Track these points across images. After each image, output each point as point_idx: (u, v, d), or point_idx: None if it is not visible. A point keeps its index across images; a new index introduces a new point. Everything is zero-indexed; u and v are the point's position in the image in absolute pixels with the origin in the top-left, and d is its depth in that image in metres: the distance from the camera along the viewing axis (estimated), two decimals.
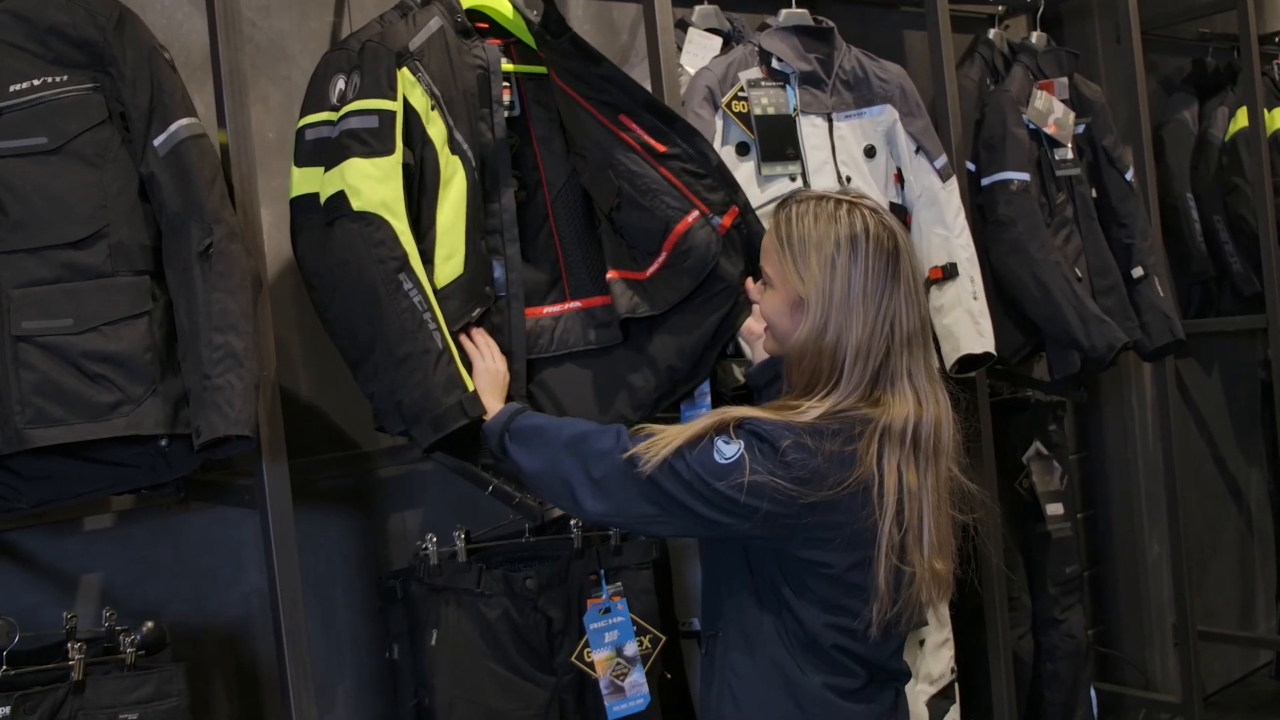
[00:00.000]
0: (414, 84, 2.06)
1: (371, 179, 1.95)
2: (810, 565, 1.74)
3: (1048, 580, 3.58)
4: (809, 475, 1.66)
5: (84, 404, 1.77)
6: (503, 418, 1.92)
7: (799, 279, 1.74)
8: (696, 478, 1.68)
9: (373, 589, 2.46)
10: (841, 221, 1.74)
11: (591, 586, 2.32)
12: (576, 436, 1.81)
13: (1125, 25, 3.62)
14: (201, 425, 1.77)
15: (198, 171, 1.85)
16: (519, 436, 1.88)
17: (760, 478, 1.65)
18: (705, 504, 1.69)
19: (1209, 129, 4.27)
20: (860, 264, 1.71)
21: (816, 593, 1.75)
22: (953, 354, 2.84)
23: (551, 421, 1.90)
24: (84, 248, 1.80)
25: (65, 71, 1.84)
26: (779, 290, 1.80)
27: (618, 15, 3.05)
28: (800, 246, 1.75)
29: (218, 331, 1.79)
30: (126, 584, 2.24)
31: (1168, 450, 3.72)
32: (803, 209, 1.78)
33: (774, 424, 1.70)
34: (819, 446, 1.66)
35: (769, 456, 1.66)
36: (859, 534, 1.70)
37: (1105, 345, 3.06)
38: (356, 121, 1.98)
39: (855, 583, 1.73)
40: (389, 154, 1.98)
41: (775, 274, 1.80)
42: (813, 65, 2.79)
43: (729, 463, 1.66)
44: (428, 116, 2.07)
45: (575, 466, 1.77)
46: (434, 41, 2.12)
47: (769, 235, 1.83)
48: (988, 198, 3.16)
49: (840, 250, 1.72)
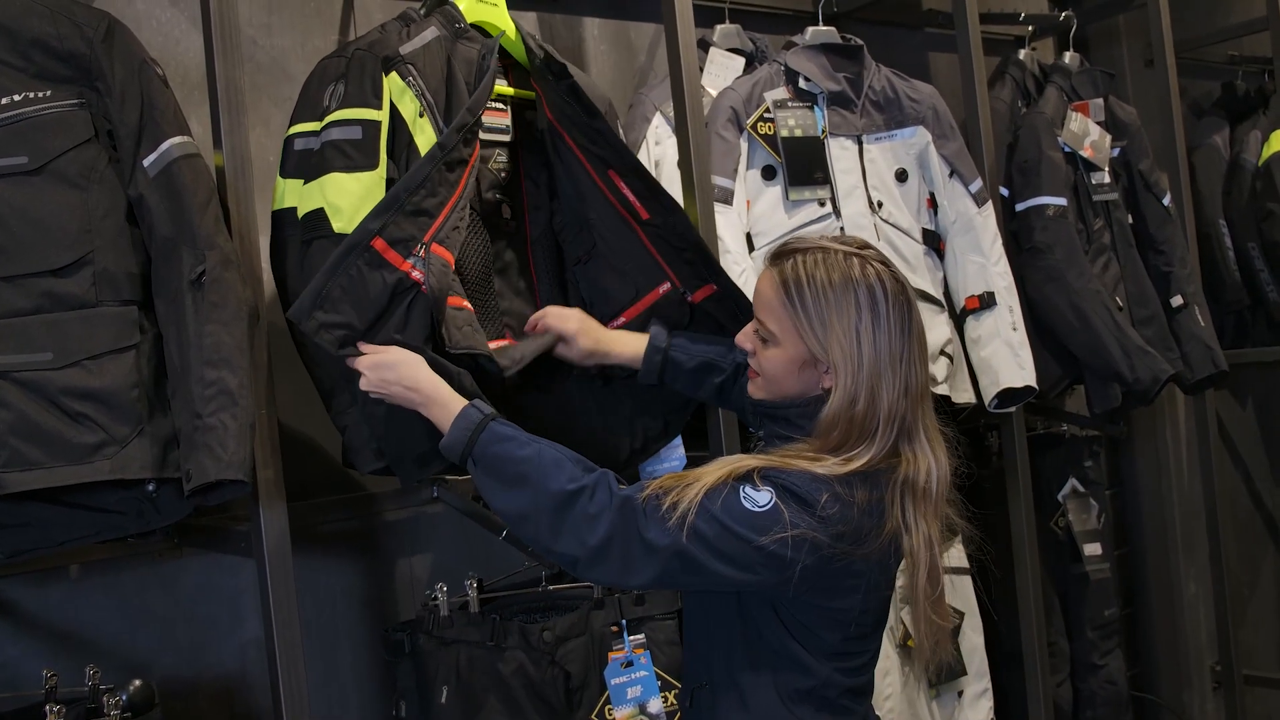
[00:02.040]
0: (403, 90, 1.97)
1: (353, 196, 1.86)
2: (824, 613, 1.70)
3: (1086, 624, 3.49)
4: (848, 530, 1.63)
5: (64, 445, 1.66)
6: (463, 435, 1.68)
7: (817, 344, 1.69)
8: (726, 531, 1.60)
9: (378, 641, 2.37)
10: (858, 282, 1.68)
11: (613, 638, 2.21)
12: (563, 496, 1.62)
13: (1159, 47, 3.56)
14: (192, 468, 1.66)
15: (191, 193, 1.75)
16: (488, 467, 1.67)
17: (801, 531, 1.59)
18: (731, 561, 1.61)
19: (1241, 153, 4.17)
20: (883, 327, 1.68)
21: (827, 641, 1.72)
22: (991, 388, 2.72)
23: (523, 453, 1.66)
24: (66, 275, 1.71)
25: (49, 86, 1.75)
26: (785, 348, 1.72)
27: (635, 35, 2.97)
28: (817, 310, 1.69)
29: (210, 366, 1.69)
30: (115, 635, 2.15)
31: (1209, 487, 3.64)
32: (810, 263, 1.71)
33: (800, 475, 1.64)
34: (852, 498, 1.63)
35: (805, 509, 1.61)
36: (877, 581, 1.71)
37: (1150, 378, 2.94)
38: (338, 133, 1.90)
39: (866, 623, 1.74)
40: (371, 168, 1.89)
41: (782, 332, 1.72)
42: (841, 85, 2.68)
43: (762, 511, 1.60)
44: (415, 124, 1.96)
45: (568, 530, 1.62)
46: (431, 47, 2.03)
47: (770, 288, 1.73)
48: (1023, 224, 3.05)
49: (863, 316, 1.67)
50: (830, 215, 2.59)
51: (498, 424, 1.70)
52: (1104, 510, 3.53)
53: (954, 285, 2.79)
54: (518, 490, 1.65)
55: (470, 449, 1.68)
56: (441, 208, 1.85)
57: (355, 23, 2.50)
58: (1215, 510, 3.61)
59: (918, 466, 1.68)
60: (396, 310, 1.79)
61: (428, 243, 1.80)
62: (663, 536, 1.59)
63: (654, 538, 1.59)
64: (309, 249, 1.88)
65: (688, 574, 1.62)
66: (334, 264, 1.75)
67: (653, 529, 1.60)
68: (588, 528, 1.61)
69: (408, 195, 1.80)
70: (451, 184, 1.87)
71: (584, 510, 1.61)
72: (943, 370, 2.68)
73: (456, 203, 1.87)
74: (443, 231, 1.83)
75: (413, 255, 1.79)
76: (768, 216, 2.55)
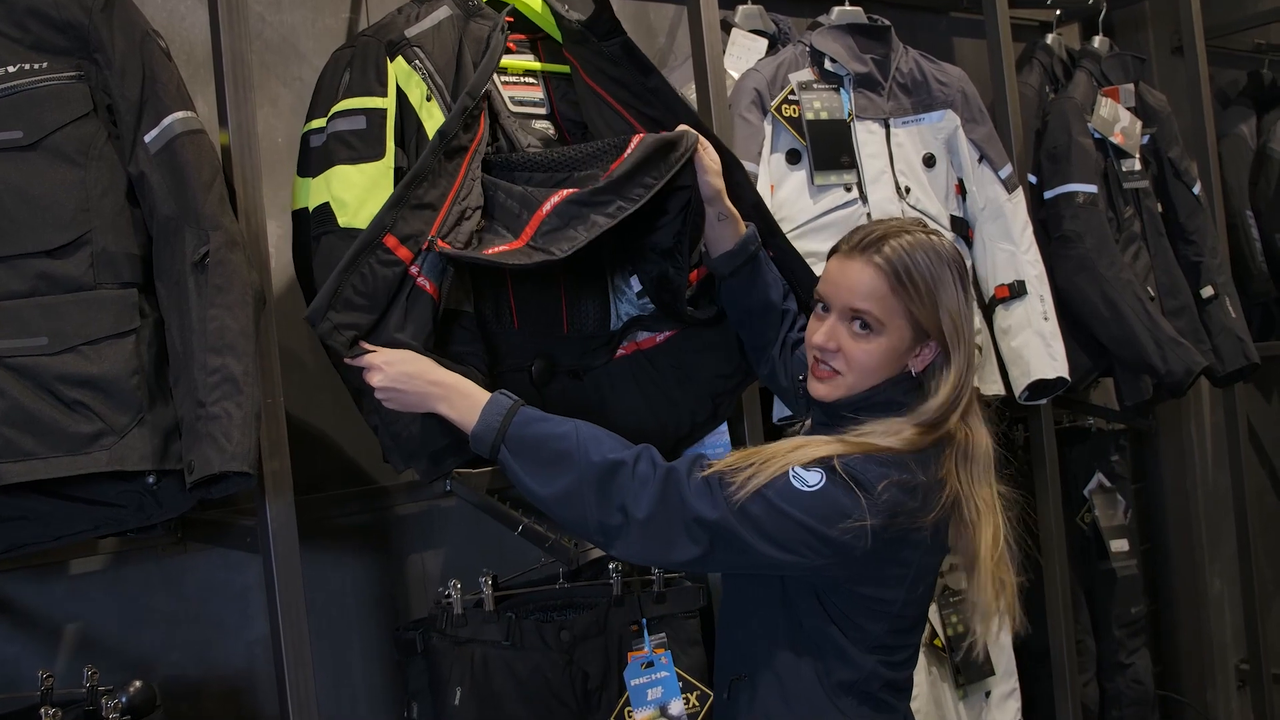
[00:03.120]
0: (409, 74, 1.90)
1: (358, 189, 1.81)
2: (868, 603, 1.67)
3: (1112, 622, 3.44)
4: (901, 513, 1.61)
5: (60, 435, 1.59)
6: (494, 421, 1.64)
7: (932, 321, 1.68)
8: (772, 510, 1.57)
9: (389, 640, 2.32)
10: (947, 255, 1.71)
11: (633, 638, 2.17)
12: (608, 465, 1.59)
13: (1189, 34, 3.52)
14: (194, 460, 1.59)
15: (194, 171, 1.67)
16: (523, 451, 1.63)
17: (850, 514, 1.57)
18: (776, 542, 1.58)
19: (1268, 143, 4.14)
20: (967, 299, 1.72)
21: (871, 632, 1.69)
22: (1022, 379, 2.64)
23: (560, 430, 1.63)
24: (62, 256, 1.63)
25: (45, 58, 1.67)
26: (891, 334, 1.69)
27: (655, 17, 2.91)
28: (927, 289, 1.68)
29: (214, 353, 1.61)
30: (117, 633, 2.12)
31: (1238, 483, 3.61)
32: (908, 243, 1.69)
33: (861, 459, 1.62)
34: (916, 477, 1.62)
35: (861, 491, 1.59)
36: (923, 570, 1.69)
37: (1183, 370, 2.87)
38: (343, 123, 1.85)
39: (910, 615, 1.72)
40: (378, 159, 1.83)
41: (889, 317, 1.68)
42: (869, 67, 2.60)
43: (812, 491, 1.58)
44: (422, 109, 1.89)
45: (612, 502, 1.59)
46: (442, 26, 1.96)
47: (873, 275, 1.69)
48: (1052, 212, 2.98)
49: (958, 285, 1.70)
50: (856, 201, 2.51)
51: (528, 408, 1.66)
52: (1130, 506, 3.48)
53: (982, 274, 2.72)
54: (557, 470, 1.61)
55: (502, 436, 1.63)
56: (443, 200, 1.78)
57: (368, 1, 2.42)
58: (1244, 506, 3.56)
59: (972, 437, 1.69)
60: (396, 308, 1.73)
61: (434, 238, 1.74)
62: (711, 511, 1.57)
63: (702, 512, 1.57)
64: (318, 245, 1.83)
65: (731, 553, 1.59)
66: (348, 262, 1.69)
67: (701, 503, 1.57)
68: (633, 499, 1.58)
69: (412, 189, 1.74)
70: (451, 174, 1.81)
71: (627, 481, 1.59)
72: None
73: (457, 193, 1.80)
74: (447, 225, 1.76)
75: (421, 252, 1.74)
76: (792, 202, 2.47)
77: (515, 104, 2.08)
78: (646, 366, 2.04)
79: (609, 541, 1.62)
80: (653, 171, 1.80)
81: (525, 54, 2.12)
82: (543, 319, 2.03)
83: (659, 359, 2.04)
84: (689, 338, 2.04)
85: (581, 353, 2.03)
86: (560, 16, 2.10)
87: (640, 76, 2.02)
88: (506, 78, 2.07)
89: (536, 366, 1.98)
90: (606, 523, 1.59)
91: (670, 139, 1.85)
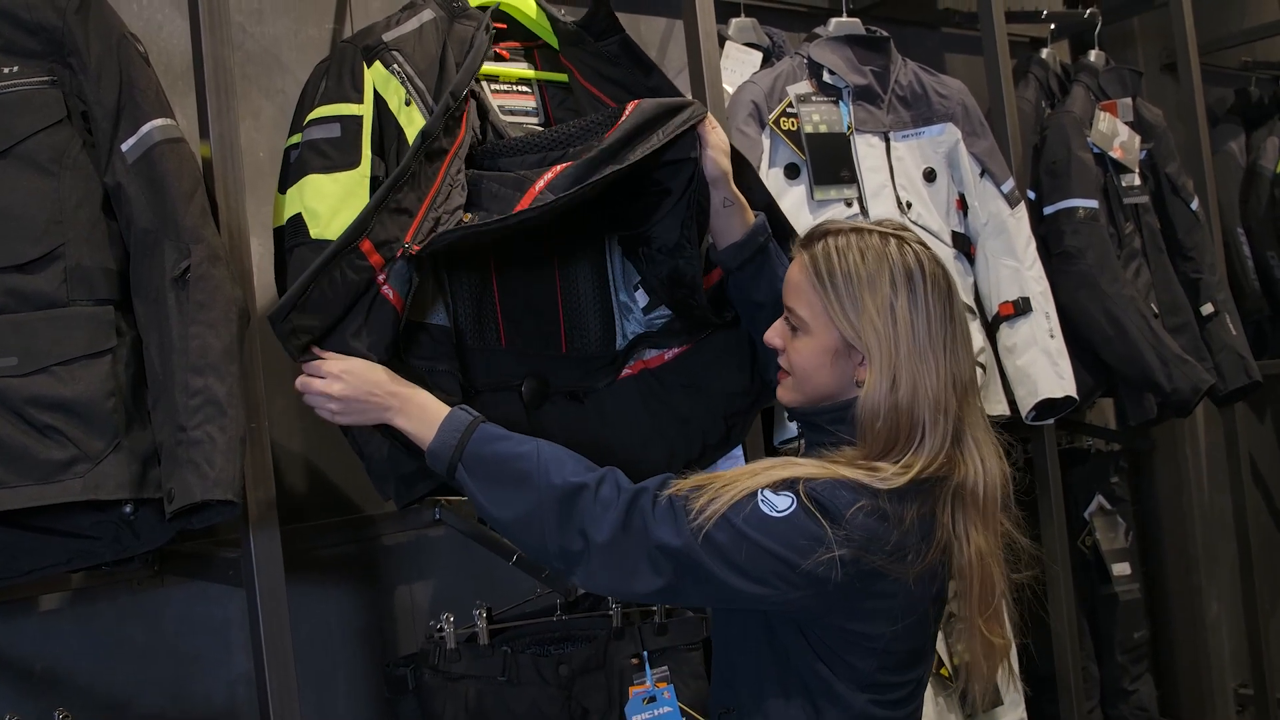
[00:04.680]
0: (388, 78, 1.82)
1: (331, 199, 1.72)
2: (853, 638, 1.57)
3: (1115, 647, 3.41)
4: (880, 546, 1.50)
5: (30, 462, 1.51)
6: (451, 438, 1.56)
7: (848, 324, 1.57)
8: (738, 536, 1.47)
9: (378, 676, 2.26)
10: (893, 258, 1.58)
11: (634, 671, 2.11)
12: (569, 488, 1.51)
13: (1182, 49, 3.50)
14: (174, 488, 1.51)
15: (174, 181, 1.60)
16: (480, 471, 1.55)
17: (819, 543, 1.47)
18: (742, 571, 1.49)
19: (1258, 160, 4.16)
20: (921, 308, 1.57)
21: (858, 669, 1.59)
22: (1029, 398, 2.59)
23: (521, 450, 1.55)
24: (34, 271, 1.56)
25: (15, 61, 1.61)
26: (817, 336, 1.61)
27: (646, 29, 2.86)
28: (848, 287, 1.58)
29: (196, 373, 1.54)
30: (91, 671, 2.03)
31: (1239, 504, 3.60)
32: (842, 243, 1.61)
33: (831, 483, 1.51)
34: (900, 514, 1.51)
35: (828, 519, 1.48)
36: (910, 602, 1.57)
37: (1190, 388, 2.83)
38: (317, 131, 1.77)
39: (900, 651, 1.60)
40: (353, 167, 1.75)
41: (812, 317, 1.61)
42: (868, 79, 2.55)
43: (780, 517, 1.48)
44: (402, 113, 1.81)
45: (571, 527, 1.50)
46: (424, 30, 1.88)
47: (799, 271, 1.63)
48: (1052, 228, 2.94)
49: (898, 292, 1.56)
50: (857, 216, 2.46)
51: (488, 425, 1.58)
52: (1131, 528, 3.44)
53: (985, 291, 2.66)
54: (516, 490, 1.52)
55: (460, 453, 1.55)
56: (420, 204, 1.69)
57: (352, 10, 2.36)
58: (1246, 528, 3.53)
59: (966, 471, 1.57)
60: (355, 315, 1.63)
61: (408, 244, 1.65)
62: (674, 538, 1.48)
63: (664, 539, 1.48)
64: (290, 258, 1.75)
65: (698, 584, 1.50)
66: (321, 264, 1.60)
67: (664, 530, 1.48)
68: (593, 524, 1.49)
69: (392, 191, 1.66)
70: (430, 177, 1.72)
71: (589, 505, 1.50)
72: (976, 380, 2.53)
73: (434, 198, 1.71)
74: (422, 231, 1.67)
75: (394, 259, 1.64)
76: (792, 217, 2.36)
77: (505, 113, 2.01)
78: (655, 386, 1.96)
79: (570, 568, 1.53)
80: (652, 135, 1.71)
81: (520, 62, 2.06)
82: (535, 337, 1.95)
83: (668, 377, 1.95)
84: (700, 353, 1.95)
85: (583, 374, 1.94)
86: (555, 19, 2.04)
87: (641, 76, 1.96)
88: (497, 85, 2.00)
89: (527, 387, 1.88)
90: (567, 548, 1.51)
91: (672, 103, 1.76)
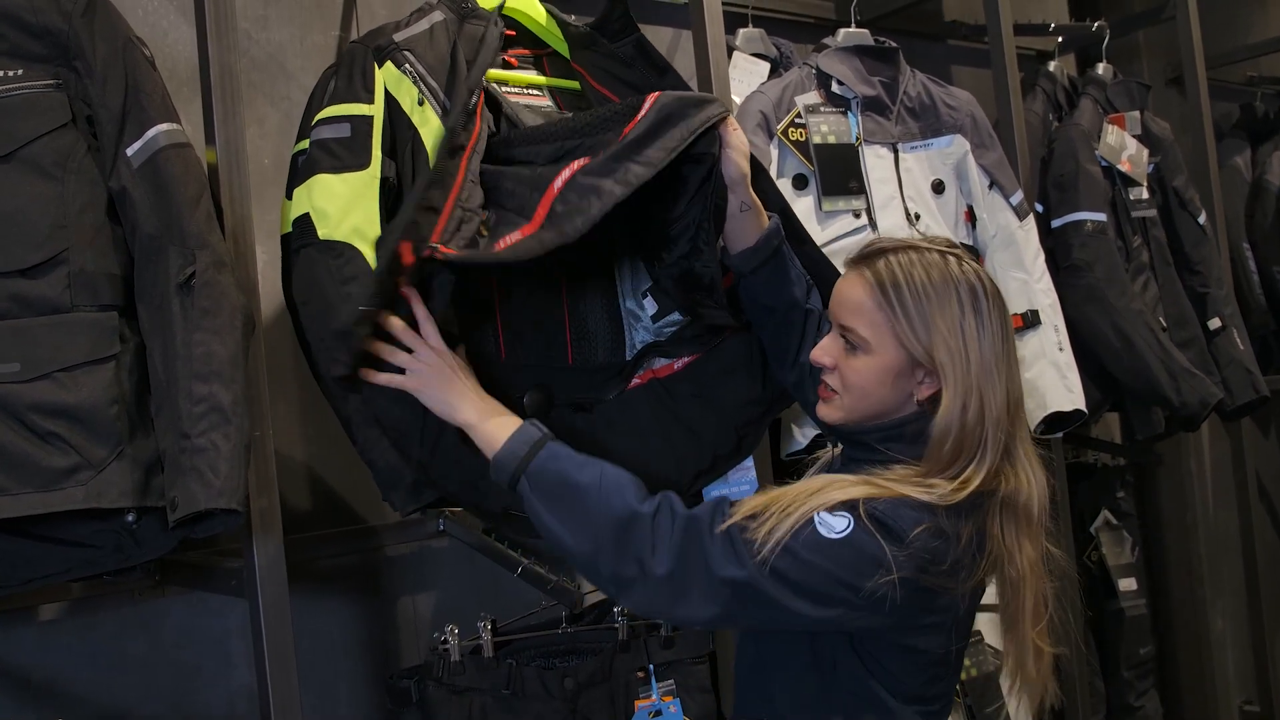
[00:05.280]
0: (399, 78, 1.79)
1: (341, 199, 1.69)
2: (908, 653, 1.57)
3: (1121, 663, 3.40)
4: (940, 565, 1.48)
5: (31, 469, 1.47)
6: (520, 450, 1.56)
7: (917, 344, 1.55)
8: (799, 562, 1.45)
9: (381, 689, 2.22)
10: (955, 276, 1.57)
11: (639, 685, 2.09)
12: (626, 516, 1.50)
13: (1189, 63, 3.48)
14: (178, 496, 1.48)
15: (179, 186, 1.57)
16: (543, 486, 1.54)
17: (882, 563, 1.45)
18: (806, 595, 1.46)
19: (1264, 175, 4.14)
20: (987, 328, 1.56)
21: (909, 684, 1.58)
22: (1038, 411, 2.57)
23: (584, 472, 1.54)
24: (37, 276, 1.52)
25: (20, 65, 1.57)
26: (879, 355, 1.58)
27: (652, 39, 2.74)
28: (918, 309, 1.56)
29: (200, 380, 1.50)
30: (91, 682, 2.01)
31: (1245, 520, 3.57)
32: (905, 260, 1.59)
33: (893, 502, 1.50)
34: (958, 531, 1.50)
35: (890, 539, 1.47)
36: (961, 616, 1.58)
37: (1198, 402, 2.81)
38: (327, 131, 1.74)
39: (949, 664, 1.62)
40: (362, 168, 1.72)
41: (876, 337, 1.58)
42: (876, 90, 2.53)
43: (839, 538, 1.46)
44: (415, 113, 1.78)
45: (626, 554, 1.49)
46: (434, 30, 1.86)
47: (861, 289, 1.60)
48: (1059, 240, 2.93)
49: (966, 315, 1.56)
50: (865, 227, 2.44)
51: (557, 444, 1.58)
52: (1137, 544, 3.41)
53: None
54: (575, 512, 1.52)
55: (526, 465, 1.54)
56: (445, 201, 1.66)
57: (358, 17, 2.34)
58: (1252, 543, 3.51)
59: (1018, 485, 1.56)
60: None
61: (435, 244, 1.62)
62: (737, 570, 1.45)
63: (726, 572, 1.45)
64: (297, 259, 1.72)
65: (757, 610, 1.48)
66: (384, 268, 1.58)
67: (725, 563, 1.45)
68: (649, 553, 1.47)
69: (425, 190, 1.63)
70: (453, 173, 1.69)
71: (646, 534, 1.48)
72: None
73: (458, 195, 1.67)
74: (448, 230, 1.64)
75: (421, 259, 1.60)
76: None
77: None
78: (664, 396, 1.92)
79: (620, 593, 1.52)
80: (673, 131, 1.66)
81: (529, 69, 2.03)
82: (538, 349, 1.92)
83: (678, 387, 1.92)
84: (710, 362, 1.92)
85: (590, 385, 1.91)
86: (565, 24, 2.02)
87: (655, 77, 1.93)
88: (509, 89, 1.97)
89: (530, 399, 1.84)
90: (621, 574, 1.49)
91: (694, 98, 1.71)
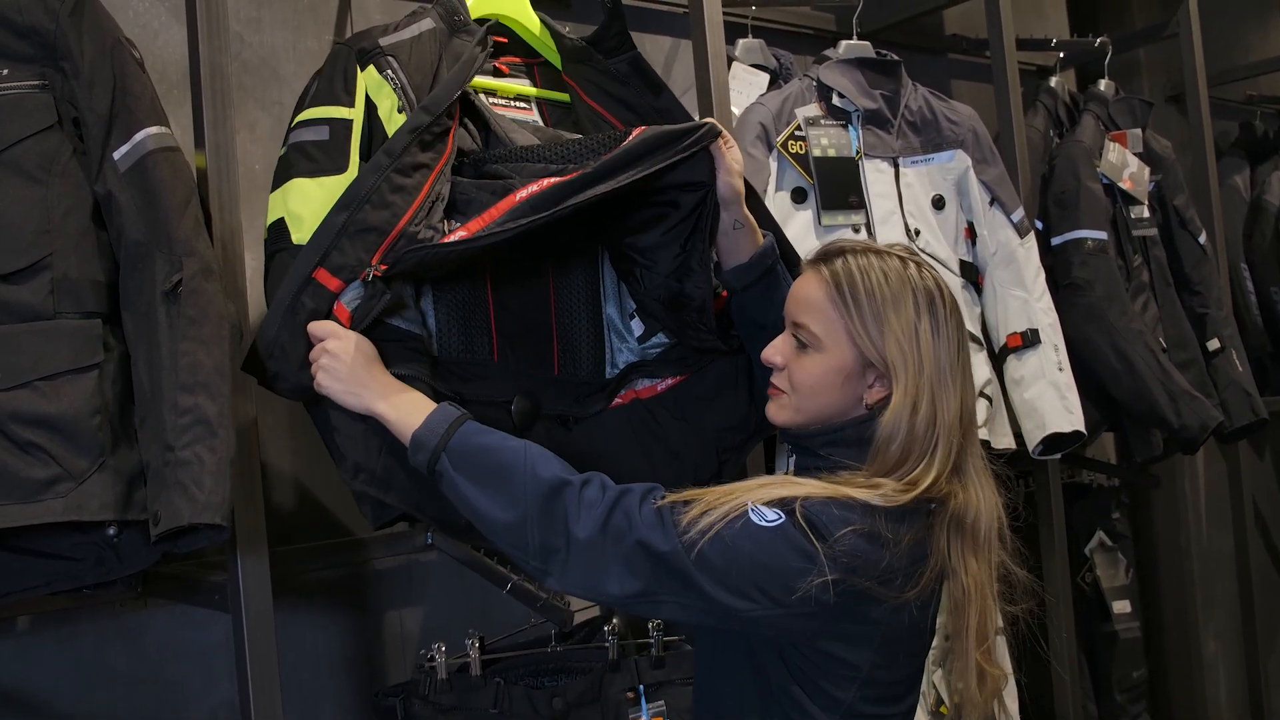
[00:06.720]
0: (380, 84, 1.75)
1: (316, 204, 1.65)
2: (833, 664, 1.52)
3: (1114, 685, 3.36)
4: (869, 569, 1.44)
5: (10, 480, 1.44)
6: (439, 427, 1.51)
7: (870, 344, 1.54)
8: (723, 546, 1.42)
9: (367, 707, 2.20)
10: (914, 281, 1.56)
11: (629, 706, 2.07)
12: (554, 484, 1.46)
13: (1191, 84, 3.47)
14: (161, 509, 1.44)
15: (167, 191, 1.54)
16: (467, 461, 1.50)
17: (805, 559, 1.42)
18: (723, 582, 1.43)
19: (1262, 195, 4.13)
20: (942, 334, 1.55)
21: (837, 698, 1.53)
22: (1036, 432, 2.54)
23: (509, 444, 1.51)
24: (19, 282, 1.49)
25: (6, 65, 1.55)
26: (830, 354, 1.56)
27: (651, 48, 2.83)
28: (872, 307, 1.54)
29: (185, 391, 1.47)
30: (70, 696, 1.97)
31: (1241, 543, 3.57)
32: (863, 262, 1.57)
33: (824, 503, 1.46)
34: (897, 536, 1.47)
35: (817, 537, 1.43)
36: (894, 631, 1.52)
37: (1198, 424, 2.79)
38: (306, 133, 1.71)
39: (883, 682, 1.55)
40: (339, 172, 1.68)
41: (829, 334, 1.56)
42: (878, 103, 2.50)
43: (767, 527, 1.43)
44: (390, 121, 1.74)
45: (554, 523, 1.45)
46: (422, 39, 1.83)
47: (816, 286, 1.58)
48: (1060, 258, 2.90)
49: (922, 318, 1.54)
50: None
51: (475, 422, 1.54)
52: (1131, 565, 3.39)
53: (993, 321, 2.61)
54: (501, 485, 1.47)
55: (447, 442, 1.50)
56: (395, 222, 1.62)
57: (353, 21, 2.32)
58: (1248, 566, 3.49)
59: (967, 501, 1.53)
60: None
61: (374, 265, 1.58)
62: (661, 542, 1.42)
63: (650, 540, 1.42)
64: (271, 264, 1.68)
65: (676, 591, 1.44)
66: (286, 305, 1.56)
67: (650, 532, 1.42)
68: (575, 520, 1.44)
69: (351, 213, 1.59)
70: (410, 191, 1.64)
71: (573, 502, 1.45)
72: (982, 412, 2.49)
73: (413, 215, 1.63)
74: (394, 251, 1.60)
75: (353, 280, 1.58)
76: (798, 242, 2.31)
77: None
78: (646, 417, 1.88)
79: (547, 567, 1.47)
80: (654, 156, 1.63)
81: (520, 78, 2.00)
82: (528, 355, 1.87)
83: (660, 409, 1.88)
84: (695, 385, 1.89)
85: (573, 399, 1.87)
86: (560, 36, 1.99)
87: (650, 96, 1.90)
88: (496, 100, 1.94)
89: (518, 405, 1.80)
90: (548, 545, 1.45)
91: (679, 130, 1.67)
